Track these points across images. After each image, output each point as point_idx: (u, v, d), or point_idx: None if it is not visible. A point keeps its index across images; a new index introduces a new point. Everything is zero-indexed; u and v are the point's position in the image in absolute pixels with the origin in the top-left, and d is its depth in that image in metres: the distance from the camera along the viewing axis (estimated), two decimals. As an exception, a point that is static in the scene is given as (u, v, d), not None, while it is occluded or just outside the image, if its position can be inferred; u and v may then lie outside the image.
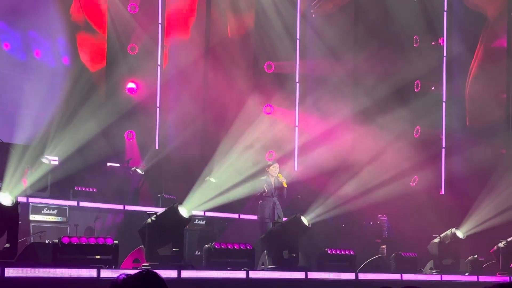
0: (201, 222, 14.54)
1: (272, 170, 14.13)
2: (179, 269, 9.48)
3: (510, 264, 14.00)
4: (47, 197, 13.43)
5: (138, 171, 15.80)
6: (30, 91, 14.95)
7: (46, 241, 11.57)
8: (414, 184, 18.72)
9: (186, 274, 9.55)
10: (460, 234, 13.76)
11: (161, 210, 10.74)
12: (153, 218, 10.05)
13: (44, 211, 12.92)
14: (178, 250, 10.26)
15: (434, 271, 13.40)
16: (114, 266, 9.20)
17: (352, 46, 19.11)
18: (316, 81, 19.05)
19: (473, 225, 15.08)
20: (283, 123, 18.23)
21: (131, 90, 17.17)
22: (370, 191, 16.92)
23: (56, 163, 14.16)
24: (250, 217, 15.13)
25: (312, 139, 17.85)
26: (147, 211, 11.52)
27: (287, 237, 11.57)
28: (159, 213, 10.25)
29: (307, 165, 17.63)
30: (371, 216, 17.72)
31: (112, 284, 3.54)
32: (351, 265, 12.05)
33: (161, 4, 17.57)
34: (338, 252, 12.08)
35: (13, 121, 14.91)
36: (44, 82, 15.30)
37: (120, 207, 14.40)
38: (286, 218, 13.04)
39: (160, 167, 16.52)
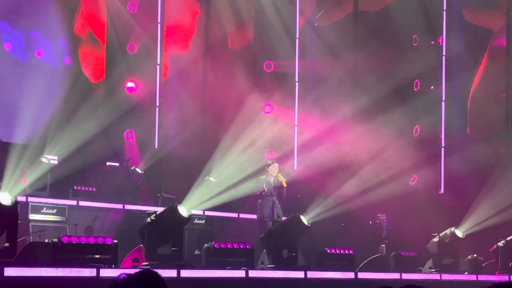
0: (201, 221, 14.53)
1: (271, 169, 14.12)
2: (178, 268, 9.47)
3: (509, 263, 14.00)
4: (46, 196, 13.43)
5: (138, 170, 15.80)
6: (29, 91, 14.93)
7: (46, 241, 11.56)
8: (413, 183, 18.72)
9: (186, 273, 9.55)
10: (459, 233, 13.76)
11: (160, 210, 10.74)
12: (153, 218, 10.05)
13: (44, 210, 12.91)
14: (177, 249, 10.26)
15: (433, 270, 13.40)
16: (113, 266, 9.20)
17: (351, 45, 19.11)
18: (315, 81, 19.04)
19: (473, 224, 15.08)
20: (283, 123, 18.22)
21: (131, 89, 17.16)
22: (370, 191, 16.92)
23: (55, 162, 14.15)
24: (250, 216, 15.12)
25: (311, 138, 17.84)
26: (146, 211, 11.52)
27: (286, 237, 11.57)
28: (158, 213, 10.25)
29: (307, 164, 17.63)
30: (370, 215, 17.72)
31: (113, 283, 3.53)
32: (350, 265, 12.05)
33: (160, 3, 17.55)
34: (337, 252, 12.07)
35: (12, 120, 14.91)
36: (44, 82, 15.29)
37: (120, 206, 14.39)
38: (286, 217, 13.03)
39: (160, 166, 16.52)
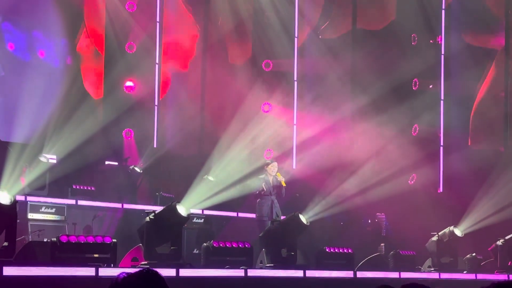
0: (200, 220, 14.53)
1: (270, 168, 14.11)
2: (177, 267, 9.47)
3: (508, 262, 14.01)
4: (45, 195, 13.43)
5: (137, 169, 15.79)
6: (30, 91, 14.92)
7: (45, 240, 11.57)
8: (412, 182, 18.72)
9: (185, 272, 9.55)
10: (458, 232, 13.76)
11: (159, 209, 10.74)
12: (152, 217, 10.05)
13: (42, 209, 12.91)
14: (176, 248, 10.26)
15: (432, 269, 13.40)
16: (112, 265, 9.19)
17: (350, 44, 19.11)
18: (314, 79, 19.04)
19: (471, 223, 15.08)
20: (282, 121, 18.22)
21: (129, 89, 17.15)
22: (369, 189, 16.92)
23: (54, 161, 14.15)
24: (249, 215, 15.12)
25: (310, 137, 17.84)
26: (145, 210, 11.53)
27: (285, 236, 11.56)
28: (157, 212, 10.25)
29: (306, 163, 17.62)
30: (369, 214, 17.72)
31: (113, 283, 3.52)
32: (349, 264, 12.04)
33: (159, 3, 17.54)
34: (336, 250, 12.07)
35: (12, 120, 14.90)
36: (45, 82, 15.28)
37: (119, 205, 14.39)
38: (285, 216, 13.03)
39: (159, 165, 16.51)
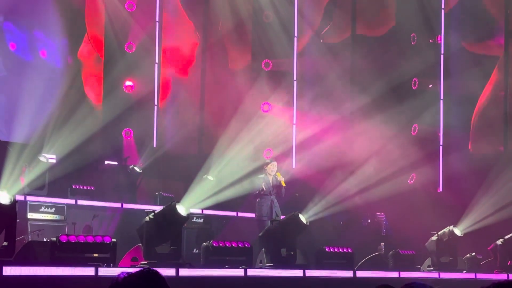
0: (199, 220, 14.53)
1: (270, 168, 14.11)
2: (177, 267, 9.47)
3: (507, 262, 14.00)
4: (44, 195, 13.42)
5: (136, 169, 15.79)
6: (29, 90, 14.91)
7: (44, 240, 11.55)
8: (412, 181, 18.72)
9: (184, 272, 9.55)
10: (458, 231, 13.76)
11: (159, 208, 10.74)
12: (151, 216, 10.04)
13: (42, 209, 12.91)
14: (176, 248, 10.26)
15: (432, 268, 13.39)
16: (112, 265, 9.19)
17: (350, 44, 19.11)
18: (313, 79, 19.03)
19: (471, 222, 15.07)
20: (281, 121, 18.22)
21: (129, 88, 17.15)
22: (368, 189, 16.91)
23: (53, 161, 14.15)
24: (248, 215, 15.12)
25: (310, 137, 17.84)
26: (145, 209, 11.53)
27: (285, 235, 11.56)
28: (157, 211, 10.25)
29: (305, 163, 17.62)
30: (369, 214, 17.72)
31: (113, 282, 3.51)
32: (349, 263, 12.04)
33: (158, 2, 17.54)
34: (336, 250, 12.06)
35: (12, 119, 14.90)
36: (45, 81, 15.27)
37: (118, 205, 14.38)
38: (284, 216, 13.03)
39: (158, 165, 16.51)
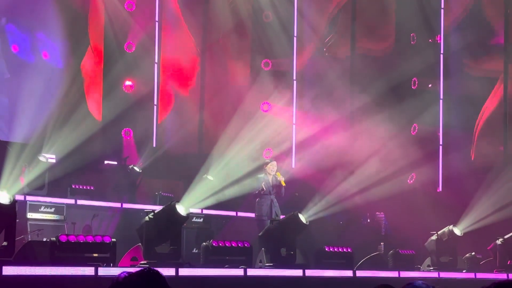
0: (199, 220, 14.53)
1: (269, 168, 14.11)
2: (177, 267, 9.48)
3: (507, 261, 14.00)
4: (44, 195, 13.42)
5: (136, 169, 15.78)
6: (29, 90, 14.90)
7: (44, 239, 11.55)
8: (411, 181, 18.72)
9: (184, 272, 9.55)
10: (457, 231, 13.76)
11: (158, 208, 10.74)
12: (151, 216, 10.05)
13: (42, 209, 12.91)
14: (176, 248, 10.26)
15: (431, 268, 13.40)
16: (112, 264, 9.20)
17: (349, 43, 19.11)
18: (313, 79, 19.03)
19: (471, 222, 15.07)
20: (281, 121, 18.21)
21: (128, 88, 17.14)
22: (368, 189, 16.91)
23: (53, 161, 14.14)
24: (248, 215, 15.11)
25: (309, 137, 17.83)
26: (144, 209, 11.54)
27: (284, 235, 11.56)
28: (156, 211, 10.25)
29: (305, 163, 17.62)
30: (369, 213, 17.72)
31: (114, 282, 3.51)
32: (348, 263, 12.05)
33: (158, 2, 17.53)
34: (335, 250, 12.07)
35: (12, 119, 14.90)
36: (46, 82, 15.25)
37: (118, 205, 14.38)
38: (284, 215, 13.03)
39: (158, 165, 16.50)
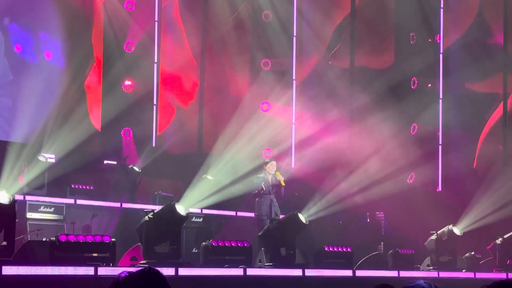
0: (198, 219, 14.53)
1: (269, 167, 14.10)
2: (176, 266, 9.48)
3: (507, 261, 14.01)
4: (44, 195, 13.42)
5: (135, 168, 15.78)
6: (29, 90, 14.89)
7: (43, 239, 11.56)
8: (411, 181, 18.73)
9: (184, 271, 9.55)
10: (457, 231, 13.77)
11: (158, 208, 10.74)
12: (150, 216, 10.05)
13: (41, 209, 12.91)
14: (175, 247, 10.26)
15: (431, 267, 13.41)
16: (111, 264, 9.20)
17: (348, 43, 19.11)
18: (312, 78, 19.04)
19: (470, 222, 15.08)
20: (280, 120, 18.21)
21: (128, 88, 17.14)
22: (367, 188, 16.91)
23: (53, 161, 14.14)
24: (247, 214, 15.11)
25: (309, 136, 17.84)
26: (144, 209, 11.54)
27: (284, 235, 11.57)
28: (156, 211, 10.26)
29: (304, 162, 17.62)
30: (368, 213, 17.72)
31: (114, 281, 3.50)
32: (348, 262, 12.05)
33: (157, 2, 17.53)
34: (335, 249, 12.07)
35: (12, 119, 14.89)
36: (46, 82, 15.25)
37: (117, 204, 14.38)
38: (284, 215, 13.03)
39: (157, 164, 16.50)
